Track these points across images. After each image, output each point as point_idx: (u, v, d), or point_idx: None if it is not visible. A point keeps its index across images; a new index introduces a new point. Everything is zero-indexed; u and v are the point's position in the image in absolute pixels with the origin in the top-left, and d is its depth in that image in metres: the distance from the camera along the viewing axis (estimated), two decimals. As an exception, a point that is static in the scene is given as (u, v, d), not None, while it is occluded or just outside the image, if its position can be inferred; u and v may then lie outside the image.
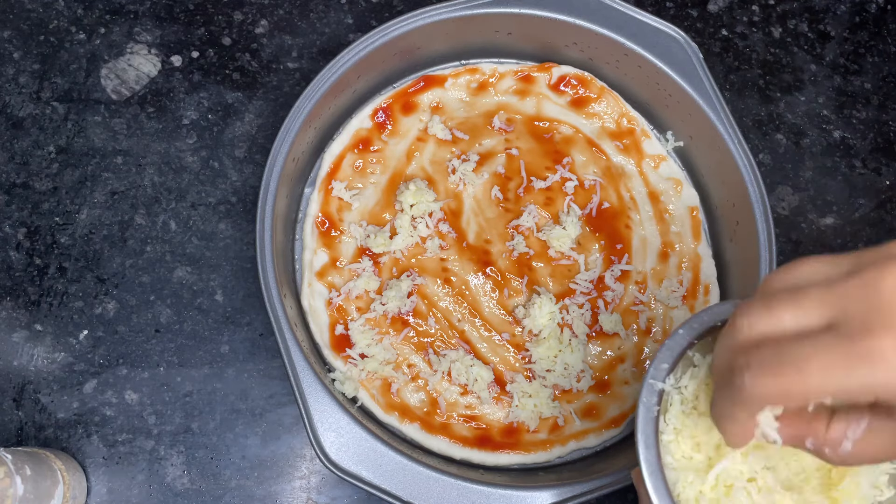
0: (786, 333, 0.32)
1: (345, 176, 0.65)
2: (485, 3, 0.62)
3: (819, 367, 0.30)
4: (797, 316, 0.32)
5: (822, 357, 0.30)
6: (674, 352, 0.43)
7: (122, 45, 0.72)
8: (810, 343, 0.30)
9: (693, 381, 0.42)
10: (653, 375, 0.41)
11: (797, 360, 0.30)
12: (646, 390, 0.42)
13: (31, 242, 0.67)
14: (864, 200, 0.70)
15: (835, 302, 0.31)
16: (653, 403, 0.41)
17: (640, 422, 0.41)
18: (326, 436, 0.53)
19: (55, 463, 0.58)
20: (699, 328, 0.43)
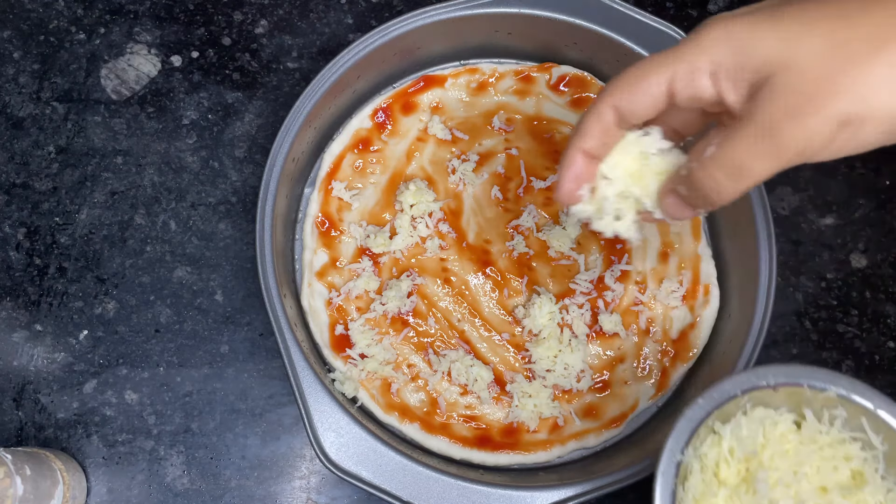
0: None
1: (345, 176, 0.65)
2: (485, 3, 0.62)
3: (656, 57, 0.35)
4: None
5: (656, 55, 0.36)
6: (693, 422, 0.44)
7: (122, 45, 0.72)
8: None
9: (714, 448, 0.42)
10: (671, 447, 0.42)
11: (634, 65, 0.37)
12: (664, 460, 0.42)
13: (30, 242, 0.67)
14: (864, 200, 0.70)
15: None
16: (671, 474, 0.41)
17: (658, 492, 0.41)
18: (326, 436, 0.53)
19: (55, 463, 0.58)
20: (719, 398, 0.44)
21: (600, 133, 0.38)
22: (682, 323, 0.62)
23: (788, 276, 0.68)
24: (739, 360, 0.56)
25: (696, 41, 0.34)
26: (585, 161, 0.39)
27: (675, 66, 0.35)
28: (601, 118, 0.38)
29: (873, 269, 0.68)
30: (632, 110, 0.37)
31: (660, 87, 0.36)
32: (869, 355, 0.66)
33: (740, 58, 0.33)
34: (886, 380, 0.65)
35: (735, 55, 0.34)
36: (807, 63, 0.32)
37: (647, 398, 0.61)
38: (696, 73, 0.35)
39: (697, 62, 0.34)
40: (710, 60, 0.34)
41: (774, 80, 0.33)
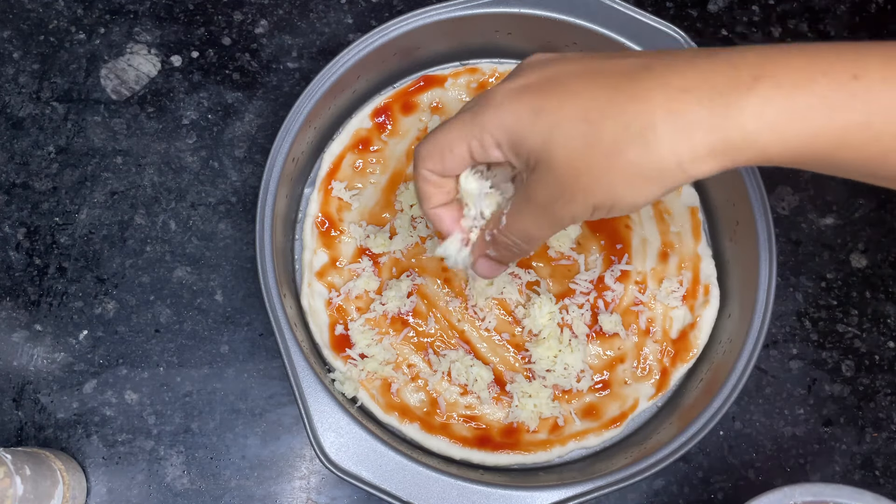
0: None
1: (345, 176, 0.65)
2: (485, 3, 0.62)
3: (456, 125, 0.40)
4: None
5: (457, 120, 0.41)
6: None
7: (121, 45, 0.72)
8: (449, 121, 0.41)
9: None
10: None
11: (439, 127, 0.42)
12: None
13: (30, 242, 0.67)
14: (864, 200, 0.70)
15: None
16: None
17: None
18: (326, 436, 0.53)
19: (55, 463, 0.58)
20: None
21: (436, 191, 0.44)
22: (682, 323, 0.62)
23: (788, 276, 0.68)
24: (739, 360, 0.56)
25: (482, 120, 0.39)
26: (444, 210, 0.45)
27: (469, 141, 0.40)
28: (428, 180, 0.44)
29: (873, 269, 0.68)
30: (446, 172, 0.42)
31: (462, 154, 0.41)
32: (869, 355, 0.66)
33: (513, 145, 0.39)
34: (886, 380, 0.65)
35: (509, 141, 0.39)
36: (560, 162, 0.37)
37: (647, 398, 0.61)
38: (487, 147, 0.40)
39: (484, 139, 0.39)
40: (494, 141, 0.39)
41: (540, 169, 0.38)
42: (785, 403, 0.65)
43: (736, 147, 0.35)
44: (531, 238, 0.43)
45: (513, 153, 0.39)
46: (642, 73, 0.36)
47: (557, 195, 0.39)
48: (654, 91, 0.35)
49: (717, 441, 0.64)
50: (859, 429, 0.64)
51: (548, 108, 0.37)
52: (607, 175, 0.37)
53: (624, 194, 0.37)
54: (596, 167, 0.37)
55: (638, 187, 0.37)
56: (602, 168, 0.36)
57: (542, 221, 0.41)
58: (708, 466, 0.63)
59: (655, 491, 0.63)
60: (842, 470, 0.63)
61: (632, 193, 0.37)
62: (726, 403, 0.55)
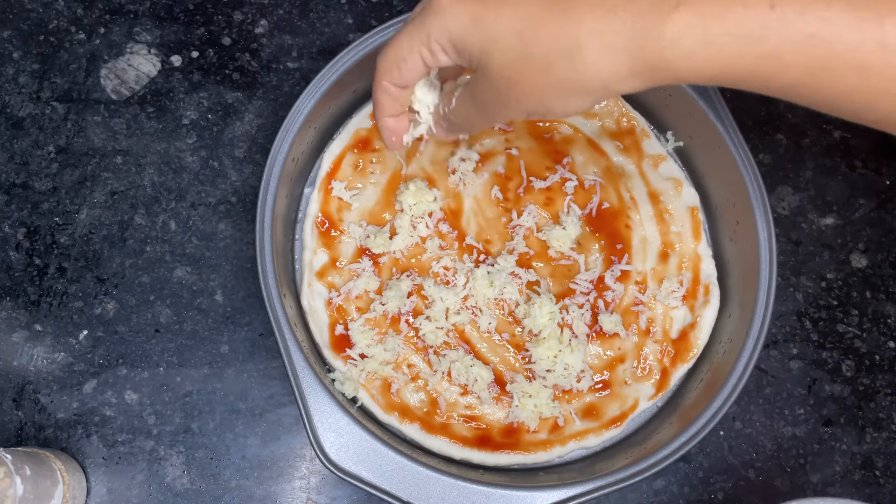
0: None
1: (345, 176, 0.65)
2: (485, 3, 0.62)
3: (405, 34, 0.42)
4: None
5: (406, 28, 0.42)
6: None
7: (121, 45, 0.72)
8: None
9: None
10: None
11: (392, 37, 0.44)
12: None
13: (30, 242, 0.67)
14: (864, 200, 0.70)
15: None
16: None
17: None
18: (326, 436, 0.53)
19: (55, 463, 0.58)
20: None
21: (392, 101, 0.47)
22: (683, 323, 0.62)
23: (788, 276, 0.68)
24: (739, 360, 0.56)
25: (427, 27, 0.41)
26: (394, 121, 0.49)
27: (420, 49, 0.42)
28: (387, 92, 0.46)
29: (873, 269, 0.68)
30: (404, 82, 0.45)
31: (416, 64, 0.43)
32: (869, 355, 0.66)
33: (457, 50, 0.41)
34: (886, 380, 0.65)
35: (453, 47, 0.41)
36: (496, 72, 0.40)
37: (648, 398, 0.61)
38: (435, 52, 0.42)
39: (432, 46, 0.42)
40: (440, 46, 0.42)
41: (479, 73, 0.41)
42: (785, 403, 0.65)
43: (654, 69, 0.37)
44: (473, 125, 0.47)
45: (458, 57, 0.42)
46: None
47: (494, 99, 0.42)
48: (583, 11, 0.37)
49: (717, 441, 0.64)
50: (859, 429, 0.64)
51: (486, 18, 0.39)
52: (538, 86, 0.39)
53: (555, 104, 0.40)
54: (528, 79, 0.39)
55: (567, 99, 0.40)
56: (533, 80, 0.39)
57: (482, 116, 0.45)
58: (708, 466, 0.63)
59: (655, 491, 0.63)
60: (842, 470, 0.63)
61: (562, 104, 0.40)
62: (726, 403, 0.55)
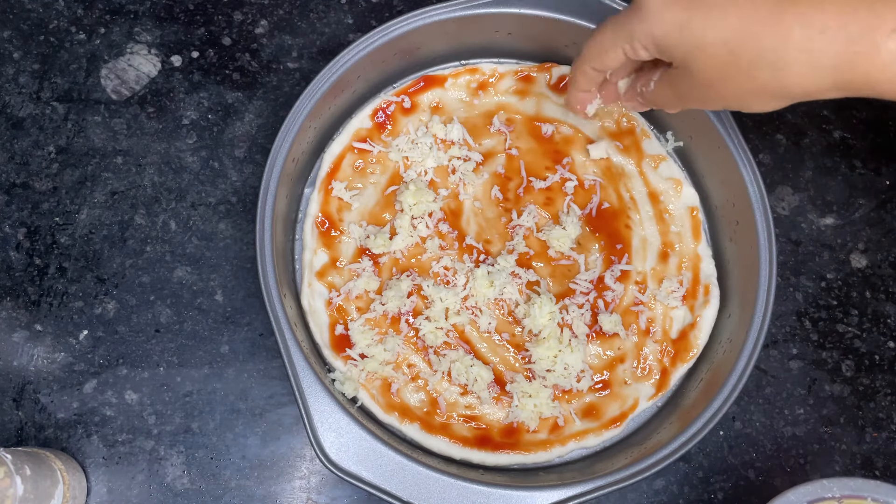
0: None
1: (345, 176, 0.65)
2: (485, 3, 0.62)
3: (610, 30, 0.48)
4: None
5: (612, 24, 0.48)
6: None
7: (122, 45, 0.72)
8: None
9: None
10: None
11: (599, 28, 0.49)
12: None
13: (31, 242, 0.67)
14: (864, 200, 0.70)
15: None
16: None
17: None
18: (326, 436, 0.53)
19: (55, 463, 0.58)
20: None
21: (586, 82, 0.54)
22: (682, 323, 0.62)
23: (788, 276, 0.68)
24: (739, 360, 0.56)
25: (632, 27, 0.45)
26: (584, 94, 0.56)
27: (622, 45, 0.47)
28: (586, 73, 0.53)
29: (873, 269, 0.68)
30: (604, 68, 0.51)
31: (617, 55, 0.48)
32: (869, 355, 0.66)
33: (659, 51, 0.45)
34: (886, 380, 0.65)
35: (656, 47, 0.45)
36: (699, 73, 0.44)
37: (647, 398, 0.61)
38: (636, 50, 0.46)
39: (634, 45, 0.46)
40: (642, 45, 0.46)
41: (681, 70, 0.45)
42: (785, 403, 0.65)
43: (857, 87, 0.40)
44: (669, 107, 0.51)
45: (658, 55, 0.46)
46: (787, 4, 0.40)
47: (693, 93, 0.46)
48: (793, 29, 0.40)
49: (717, 441, 0.64)
50: (859, 429, 0.64)
51: (692, 27, 0.42)
52: (739, 90, 0.44)
53: (751, 104, 0.45)
54: (730, 84, 0.43)
55: (764, 101, 0.44)
56: (735, 85, 0.43)
57: (679, 101, 0.49)
58: (708, 466, 0.63)
59: (655, 491, 0.63)
60: (842, 470, 0.63)
61: (759, 104, 0.44)
62: (726, 403, 0.55)
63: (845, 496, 0.50)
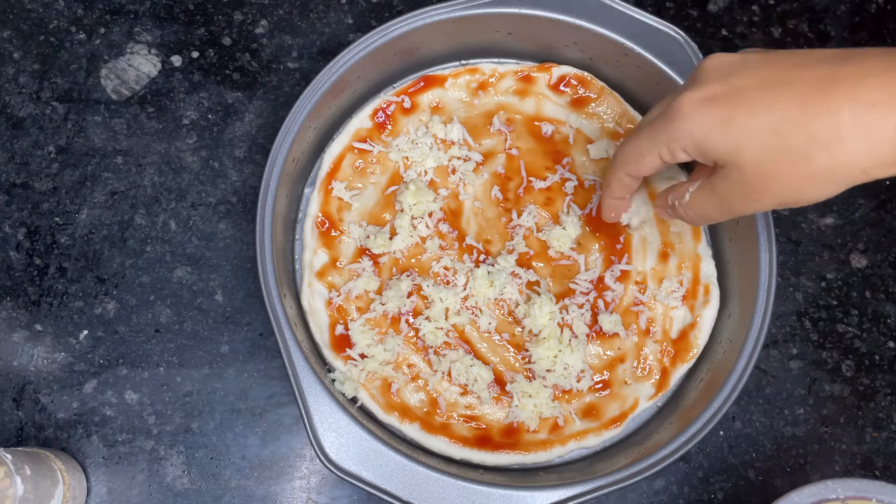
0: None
1: (345, 176, 0.65)
2: (485, 3, 0.62)
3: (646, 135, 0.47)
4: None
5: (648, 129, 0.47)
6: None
7: (122, 45, 0.72)
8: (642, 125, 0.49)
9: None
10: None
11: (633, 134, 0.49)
12: None
13: (31, 242, 0.67)
14: (864, 200, 0.70)
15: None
16: None
17: None
18: (326, 436, 0.53)
19: (55, 463, 0.58)
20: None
21: (621, 189, 0.54)
22: (682, 323, 0.62)
23: (788, 276, 0.68)
24: (739, 360, 0.56)
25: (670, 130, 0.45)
26: (618, 202, 0.56)
27: (660, 149, 0.46)
28: (622, 181, 0.52)
29: (873, 269, 0.68)
30: (639, 174, 0.50)
31: (654, 160, 0.48)
32: (869, 355, 0.66)
33: (700, 151, 0.44)
34: (886, 380, 0.65)
35: (696, 148, 0.44)
36: (749, 168, 0.42)
37: (647, 398, 0.61)
38: (675, 153, 0.46)
39: (672, 147, 0.45)
40: (681, 147, 0.45)
41: (727, 170, 0.43)
42: (785, 403, 0.65)
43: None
44: (707, 218, 0.49)
45: (699, 156, 0.44)
46: (830, 86, 0.39)
47: (743, 193, 0.44)
48: (842, 108, 0.38)
49: (717, 441, 0.64)
50: (859, 429, 0.64)
51: (736, 121, 0.41)
52: (794, 179, 0.41)
53: (809, 194, 0.42)
54: (784, 173, 0.41)
55: (822, 187, 0.41)
56: (789, 173, 0.41)
57: (722, 209, 0.46)
58: (708, 466, 0.63)
59: (655, 491, 0.63)
60: (842, 470, 0.63)
61: (816, 192, 0.42)
62: (726, 403, 0.55)
63: (849, 497, 0.50)
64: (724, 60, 0.44)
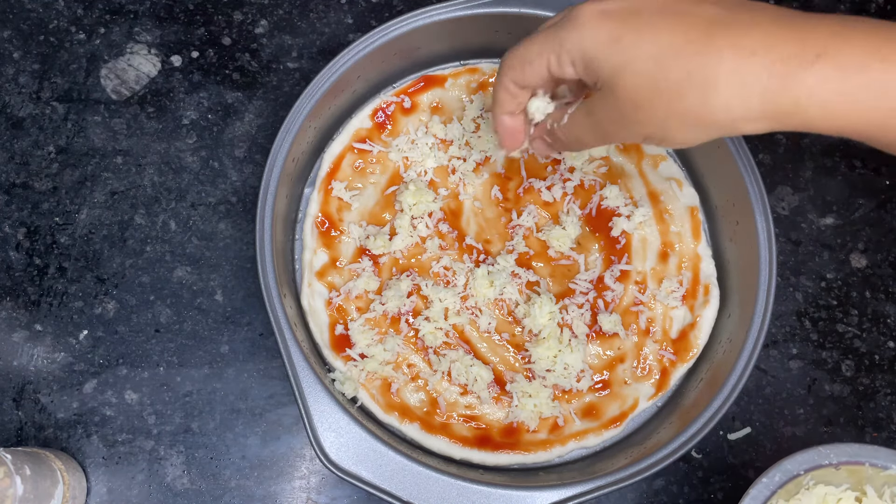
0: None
1: (345, 176, 0.65)
2: (485, 3, 0.62)
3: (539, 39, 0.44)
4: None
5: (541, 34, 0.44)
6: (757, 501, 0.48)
7: (122, 45, 0.72)
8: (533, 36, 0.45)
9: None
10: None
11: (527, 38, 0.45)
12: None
13: (31, 242, 0.67)
14: (864, 200, 0.70)
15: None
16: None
17: None
18: (326, 436, 0.53)
19: (55, 463, 0.58)
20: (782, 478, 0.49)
21: (510, 99, 0.48)
22: (682, 323, 0.62)
23: (788, 276, 0.68)
24: (739, 360, 0.56)
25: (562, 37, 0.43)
26: (510, 119, 0.50)
27: (549, 55, 0.44)
28: (507, 89, 0.48)
29: (873, 269, 0.68)
30: (525, 82, 0.46)
31: (541, 67, 0.45)
32: (869, 355, 0.66)
33: (586, 66, 0.42)
34: (886, 380, 0.65)
35: (583, 62, 0.42)
36: (624, 93, 0.41)
37: (647, 398, 0.61)
38: (563, 63, 0.43)
39: (561, 56, 0.43)
40: (570, 58, 0.43)
41: (605, 92, 0.42)
42: (785, 403, 0.65)
43: (786, 114, 0.38)
44: (582, 143, 0.47)
45: (585, 72, 0.43)
46: (719, 27, 0.39)
47: (615, 119, 0.43)
48: (724, 50, 0.38)
49: (717, 441, 0.64)
50: (859, 429, 0.64)
51: (624, 41, 0.40)
52: (664, 114, 0.40)
53: (675, 134, 0.41)
54: (655, 105, 0.40)
55: (689, 130, 0.41)
56: (661, 106, 0.40)
57: (596, 135, 0.45)
58: (708, 466, 0.63)
59: (655, 491, 0.63)
60: (842, 470, 0.63)
61: (682, 134, 0.41)
62: (726, 403, 0.55)
63: (843, 462, 0.49)
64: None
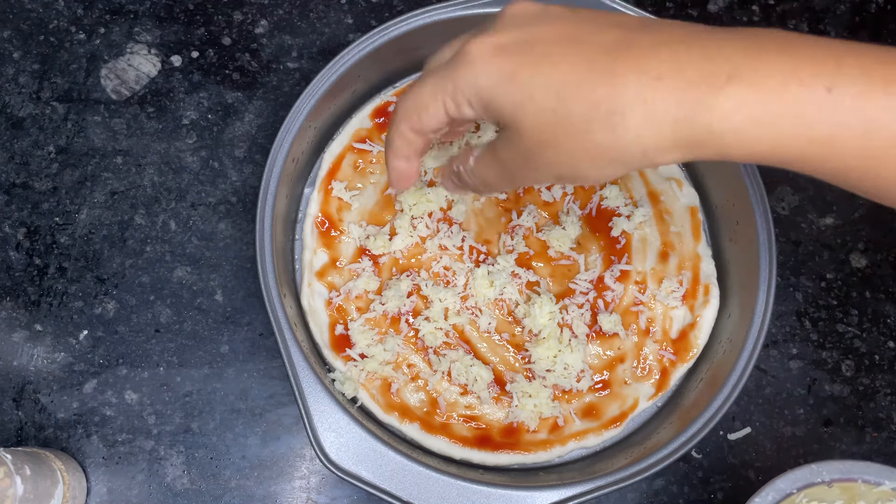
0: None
1: (345, 176, 0.65)
2: (485, 3, 0.62)
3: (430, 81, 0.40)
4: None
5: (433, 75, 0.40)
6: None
7: (122, 45, 0.72)
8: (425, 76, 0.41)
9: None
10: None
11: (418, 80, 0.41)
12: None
13: (31, 242, 0.67)
14: (863, 200, 0.69)
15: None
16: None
17: None
18: (326, 436, 0.53)
19: (55, 463, 0.58)
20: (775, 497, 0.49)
21: (406, 147, 0.44)
22: (682, 323, 0.62)
23: (788, 276, 0.68)
24: (739, 360, 0.56)
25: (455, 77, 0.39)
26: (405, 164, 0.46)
27: (444, 98, 0.40)
28: (404, 136, 0.43)
29: (873, 269, 0.68)
30: (423, 128, 0.42)
31: (438, 112, 0.41)
32: (869, 355, 0.66)
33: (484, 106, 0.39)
34: (886, 380, 0.65)
35: (480, 102, 0.39)
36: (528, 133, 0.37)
37: (647, 398, 0.61)
38: (460, 104, 0.39)
39: (457, 97, 0.39)
40: (466, 99, 0.39)
41: (508, 133, 0.39)
42: (785, 403, 0.65)
43: (700, 142, 0.35)
44: (490, 187, 0.44)
45: (485, 113, 0.39)
46: (621, 52, 0.35)
47: (522, 161, 0.39)
48: (628, 76, 0.35)
49: (717, 441, 0.64)
50: (859, 429, 0.64)
51: (521, 77, 0.37)
52: (572, 152, 0.37)
53: (587, 171, 0.38)
54: (562, 143, 0.37)
55: (601, 166, 0.37)
56: (568, 145, 0.37)
57: (503, 178, 0.42)
58: (708, 466, 0.63)
59: (655, 491, 0.63)
60: (842, 470, 0.63)
61: (594, 171, 0.38)
62: (726, 403, 0.55)
63: (835, 479, 0.49)
64: (527, 8, 0.39)
